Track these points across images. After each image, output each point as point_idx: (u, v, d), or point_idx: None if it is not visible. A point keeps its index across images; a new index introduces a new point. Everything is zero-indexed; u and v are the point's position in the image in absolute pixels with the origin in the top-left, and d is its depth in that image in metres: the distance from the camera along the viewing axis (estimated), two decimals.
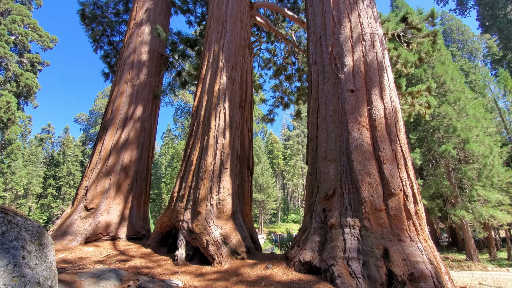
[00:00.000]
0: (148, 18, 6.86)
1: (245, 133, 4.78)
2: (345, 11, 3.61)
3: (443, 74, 14.55)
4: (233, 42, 5.06)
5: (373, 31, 3.54)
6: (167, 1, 7.55)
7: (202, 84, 4.97)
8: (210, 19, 5.59)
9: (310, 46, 4.04)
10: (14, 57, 28.13)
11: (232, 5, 5.36)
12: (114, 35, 9.20)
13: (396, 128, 3.07)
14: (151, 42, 6.68)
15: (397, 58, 4.96)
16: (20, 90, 30.07)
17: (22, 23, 30.17)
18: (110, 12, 8.59)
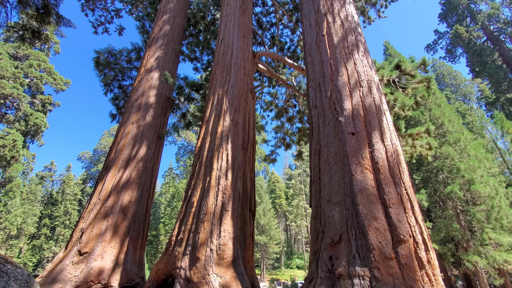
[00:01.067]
0: (157, 65, 7.35)
1: (248, 174, 4.76)
2: (341, 60, 3.87)
3: (440, 116, 14.97)
4: (237, 87, 5.33)
5: (369, 78, 3.74)
6: (176, 50, 8.16)
7: (205, 125, 5.11)
8: (216, 66, 5.98)
9: (310, 91, 4.24)
10: (26, 98, 29.40)
11: (236, 54, 5.77)
12: (124, 79, 9.77)
13: (400, 171, 3.06)
14: (159, 87, 7.05)
15: (394, 102, 5.18)
16: (28, 129, 30.82)
17: (39, 67, 32.29)
18: (123, 59, 9.26)
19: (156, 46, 7.76)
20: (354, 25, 4.27)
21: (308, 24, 4.73)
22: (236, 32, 6.23)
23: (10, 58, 30.00)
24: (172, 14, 8.33)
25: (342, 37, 4.13)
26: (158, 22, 8.24)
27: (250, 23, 6.88)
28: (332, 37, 4.17)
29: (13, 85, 27.55)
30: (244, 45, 6.17)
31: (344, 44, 4.07)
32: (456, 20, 33.95)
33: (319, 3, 4.66)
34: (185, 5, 9.02)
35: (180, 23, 8.50)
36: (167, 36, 7.93)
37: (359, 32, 4.23)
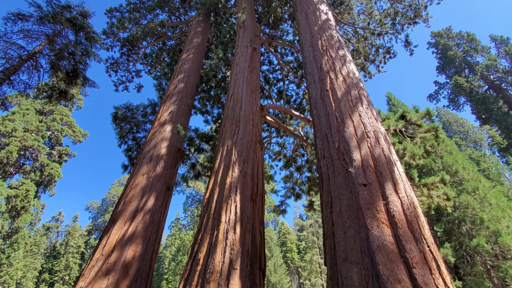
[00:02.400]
0: (171, 118, 7.77)
1: (257, 228, 4.56)
2: (346, 113, 4.00)
3: (453, 163, 14.63)
4: (245, 138, 5.48)
5: (375, 129, 3.80)
6: (188, 105, 8.70)
7: (214, 176, 5.12)
8: (225, 119, 6.26)
9: (318, 142, 4.30)
10: (45, 149, 30.76)
11: (245, 107, 6.09)
12: (139, 132, 10.27)
13: (419, 225, 2.87)
14: (170, 139, 7.33)
15: (404, 151, 5.15)
16: (43, 179, 31.47)
17: (61, 121, 34.52)
18: (139, 114, 9.87)
19: (171, 102, 8.32)
20: (356, 80, 4.53)
21: (312, 80, 5.04)
22: (245, 88, 6.67)
23: (37, 113, 32.49)
24: (187, 74, 9.12)
25: (345, 92, 4.34)
26: (174, 81, 8.98)
27: (258, 79, 7.41)
28: (336, 91, 4.39)
29: (35, 137, 29.25)
30: (253, 99, 6.54)
31: (347, 97, 4.26)
32: (454, 71, 35.69)
33: (321, 62, 5.04)
34: (199, 65, 9.92)
35: (193, 81, 9.23)
36: (181, 93, 8.55)
37: (361, 87, 4.46)
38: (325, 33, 5.71)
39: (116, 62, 13.57)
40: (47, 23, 5.50)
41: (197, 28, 11.33)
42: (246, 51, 7.83)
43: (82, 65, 5.77)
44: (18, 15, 5.60)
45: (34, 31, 5.48)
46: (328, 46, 5.37)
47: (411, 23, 9.01)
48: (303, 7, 6.84)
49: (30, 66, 5.47)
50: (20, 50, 5.29)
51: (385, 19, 9.43)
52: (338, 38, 5.58)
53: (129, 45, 13.41)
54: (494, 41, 36.38)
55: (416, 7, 8.67)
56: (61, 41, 5.69)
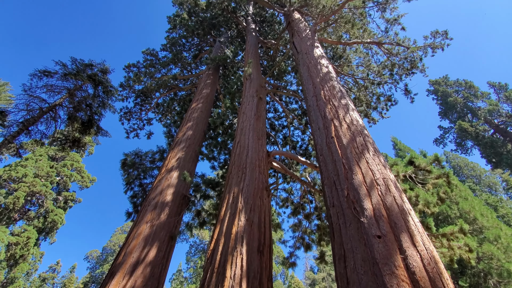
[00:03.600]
0: (178, 165, 7.85)
1: (264, 284, 4.20)
2: (353, 160, 3.98)
3: (470, 210, 13.89)
4: (252, 185, 5.41)
5: (384, 176, 3.73)
6: (196, 151, 8.85)
7: (220, 225, 4.93)
8: (232, 165, 6.29)
9: (326, 189, 4.20)
10: (52, 195, 30.75)
11: (252, 154, 6.15)
12: (146, 178, 10.30)
13: (443, 283, 2.60)
14: (177, 185, 7.30)
15: (417, 199, 4.96)
16: (45, 226, 30.81)
17: (71, 166, 35.14)
18: (147, 160, 10.04)
19: (179, 148, 8.50)
20: (360, 128, 4.61)
21: (317, 128, 5.16)
22: (251, 135, 6.84)
23: (49, 159, 33.38)
24: (196, 122, 9.49)
25: (350, 139, 4.39)
26: (183, 128, 9.31)
27: (264, 127, 7.63)
28: (341, 138, 4.45)
29: (44, 183, 29.53)
30: (259, 146, 6.64)
31: (353, 144, 4.29)
32: (457, 116, 36.30)
33: (325, 111, 5.22)
34: (207, 114, 10.38)
35: (202, 128, 9.56)
36: (189, 140, 8.78)
37: (366, 134, 4.52)
38: (327, 84, 6.03)
39: (129, 111, 14.35)
40: (70, 79, 6.05)
41: (206, 80, 12.16)
42: (252, 100, 8.23)
43: (98, 115, 6.14)
44: (44, 72, 6.20)
45: (57, 86, 6.00)
46: (330, 95, 5.63)
47: (409, 73, 9.53)
48: (304, 62, 7.37)
49: (49, 117, 5.85)
50: (42, 102, 5.73)
51: (383, 70, 10.02)
52: (339, 88, 5.87)
53: (143, 96, 14.33)
54: (493, 87, 37.65)
55: (411, 59, 9.27)
56: (80, 94, 6.18)
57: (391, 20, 9.45)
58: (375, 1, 9.29)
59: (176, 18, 17.28)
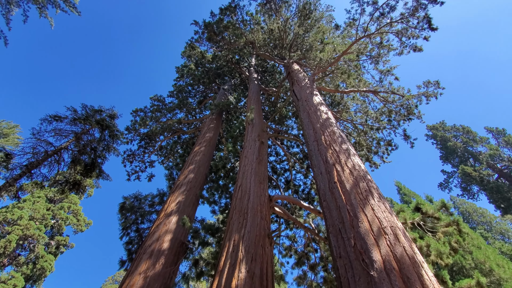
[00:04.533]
0: (177, 209, 7.64)
1: None
2: (358, 206, 3.88)
3: (485, 260, 12.99)
4: (253, 232, 5.18)
5: (392, 224, 3.59)
6: (196, 195, 8.70)
7: (218, 277, 4.59)
8: (233, 210, 6.11)
9: (331, 238, 4.00)
10: (44, 239, 29.37)
11: (253, 199, 6.02)
12: (143, 223, 9.93)
13: None
14: (175, 231, 7.00)
15: (428, 249, 4.68)
16: (33, 273, 28.81)
17: (68, 209, 34.19)
18: (147, 203, 9.81)
19: (179, 192, 8.37)
20: (363, 173, 4.59)
21: (319, 172, 5.14)
22: (253, 179, 6.79)
23: (47, 200, 32.69)
24: (198, 165, 9.52)
25: (353, 184, 4.34)
26: (184, 171, 9.30)
27: (265, 171, 7.61)
28: (344, 184, 4.40)
29: (38, 226, 28.46)
30: (261, 190, 6.53)
31: (357, 190, 4.22)
32: (459, 161, 36.31)
33: (327, 155, 5.26)
34: (210, 157, 10.46)
35: (203, 171, 9.54)
36: (190, 183, 8.70)
37: (369, 179, 4.47)
38: (327, 129, 6.19)
39: (133, 154, 14.52)
40: (78, 124, 6.29)
41: (210, 125, 12.55)
42: (254, 144, 8.37)
43: (101, 159, 6.22)
44: (55, 117, 6.48)
45: (65, 130, 6.22)
46: (331, 140, 5.73)
47: (406, 119, 9.85)
48: (305, 108, 7.69)
49: (53, 160, 5.92)
50: (48, 146, 5.87)
51: (381, 116, 10.38)
52: (339, 134, 6.01)
53: (147, 139, 14.65)
54: (491, 132, 38.36)
55: (407, 107, 9.67)
56: (87, 137, 6.36)
57: (384, 71, 10.12)
58: (368, 55, 10.08)
59: (184, 69, 18.59)
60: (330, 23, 16.47)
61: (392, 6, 8.86)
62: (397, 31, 9.23)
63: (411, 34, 9.07)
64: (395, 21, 8.96)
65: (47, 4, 13.62)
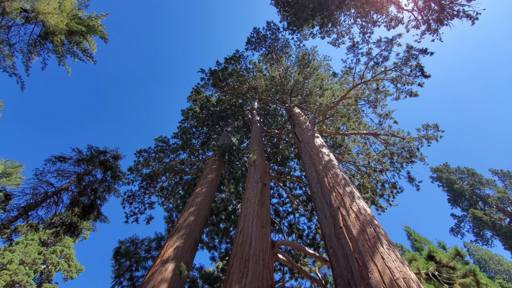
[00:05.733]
0: (175, 255, 7.22)
1: None
2: (367, 255, 3.66)
3: None
4: (255, 283, 4.81)
5: (404, 275, 3.34)
6: (196, 239, 8.30)
7: None
8: (233, 257, 5.77)
9: None
10: (32, 286, 27.43)
11: (255, 245, 5.73)
12: (138, 270, 9.32)
13: None
14: (171, 281, 6.52)
15: None
16: None
17: (61, 253, 32.47)
18: (143, 248, 9.33)
19: (178, 236, 8.01)
20: (369, 217, 4.43)
21: (324, 216, 4.97)
22: (255, 222, 6.54)
23: (40, 243, 31.24)
24: (198, 207, 9.29)
25: (360, 229, 4.16)
26: (184, 214, 9.03)
27: (268, 213, 7.38)
28: (350, 229, 4.22)
29: (27, 271, 26.76)
30: (263, 235, 6.25)
31: (364, 236, 4.03)
32: (468, 204, 35.15)
33: (330, 199, 5.14)
34: (211, 199, 10.25)
35: (204, 214, 9.26)
36: (190, 226, 8.38)
37: (377, 224, 4.30)
38: (330, 172, 6.16)
39: (133, 194, 14.29)
40: (82, 164, 6.35)
41: (212, 166, 12.56)
42: (256, 186, 8.26)
43: (100, 200, 6.11)
44: (59, 157, 6.57)
45: (68, 171, 6.26)
46: (334, 183, 5.66)
47: (408, 162, 9.84)
48: (306, 150, 7.76)
49: (51, 202, 5.83)
50: (49, 187, 5.84)
51: (383, 158, 10.39)
52: (343, 176, 5.95)
53: (149, 179, 14.55)
54: (496, 174, 37.80)
55: (409, 149, 9.74)
56: (88, 178, 6.36)
57: (383, 115, 10.44)
58: (366, 100, 10.52)
59: (189, 111, 19.34)
60: (328, 71, 17.58)
61: (385, 56, 9.52)
62: (392, 78, 9.76)
63: (405, 81, 9.58)
64: (389, 69, 9.54)
65: (67, 54, 14.82)
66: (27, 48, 11.97)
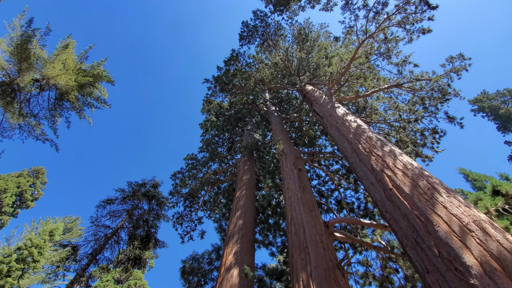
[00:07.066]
0: (236, 260, 7.42)
1: None
2: (427, 208, 3.45)
3: None
4: (321, 267, 4.78)
5: (474, 218, 3.10)
6: (250, 241, 8.46)
7: None
8: (291, 247, 5.78)
9: (409, 252, 3.53)
10: None
11: (309, 230, 5.68)
12: (206, 283, 9.75)
13: None
14: (239, 284, 6.71)
15: None
16: None
17: (135, 286, 35.06)
18: (205, 262, 9.73)
19: (233, 242, 8.22)
20: (418, 170, 4.17)
21: (370, 183, 4.77)
22: (302, 209, 6.49)
23: (115, 282, 34.03)
24: (243, 209, 9.44)
25: (412, 185, 3.93)
26: (233, 220, 9.24)
27: (312, 197, 7.28)
28: (401, 188, 4.01)
29: None
30: (313, 219, 6.18)
31: (418, 191, 3.80)
32: None
33: (371, 164, 4.93)
34: (253, 199, 10.38)
35: (251, 215, 9.40)
36: (241, 230, 8.55)
37: (428, 175, 4.04)
38: (361, 137, 5.91)
39: (181, 215, 14.95)
40: (128, 201, 6.79)
41: (244, 167, 12.69)
42: (292, 173, 8.19)
43: (154, 228, 6.48)
44: (107, 200, 7.07)
45: (118, 210, 6.73)
46: (370, 147, 5.41)
47: (443, 101, 9.10)
48: (331, 123, 7.52)
49: (113, 242, 6.32)
50: (106, 229, 6.32)
51: (414, 107, 9.73)
52: (377, 138, 5.68)
53: (191, 197, 15.11)
54: None
55: (439, 88, 9.00)
56: (137, 212, 6.78)
57: (400, 63, 9.76)
58: (377, 53, 9.90)
59: (207, 123, 19.71)
60: (328, 38, 16.85)
61: (383, 2, 8.88)
62: (398, 22, 9.08)
63: (413, 20, 8.86)
64: (392, 14, 8.88)
65: (84, 107, 15.83)
66: (49, 113, 12.99)
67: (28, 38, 10.78)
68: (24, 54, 10.54)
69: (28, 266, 24.15)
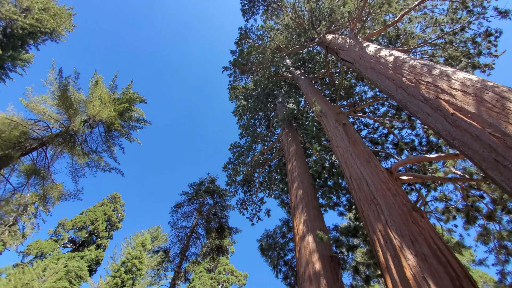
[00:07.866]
0: (307, 228, 7.61)
1: None
2: (500, 122, 3.00)
3: None
4: (395, 214, 4.61)
5: None
6: (315, 207, 8.55)
7: (388, 275, 4.16)
8: (358, 203, 5.67)
9: (492, 174, 3.16)
10: None
11: (372, 181, 5.48)
12: (286, 254, 10.27)
13: None
14: (317, 249, 6.91)
15: None
16: None
17: (224, 271, 38.90)
18: (278, 237, 10.20)
19: (299, 212, 8.41)
20: (479, 84, 3.63)
21: (426, 115, 4.33)
22: (358, 162, 6.26)
23: (207, 271, 38.24)
24: (300, 179, 9.51)
25: (476, 102, 3.45)
26: (292, 191, 9.40)
27: (366, 147, 6.94)
28: (465, 108, 3.55)
29: None
30: (374, 169, 5.91)
31: (486, 105, 3.33)
32: None
33: (422, 94, 4.44)
34: (305, 167, 10.35)
35: (308, 182, 9.43)
36: (303, 199, 8.68)
37: (493, 85, 3.49)
38: (403, 69, 5.32)
39: (243, 201, 15.75)
40: (194, 201, 7.41)
41: (287, 139, 12.63)
42: (338, 131, 7.87)
43: (224, 219, 7.00)
44: (177, 205, 7.81)
45: (189, 211, 7.43)
46: (415, 76, 4.85)
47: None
48: (364, 66, 6.90)
49: (194, 238, 7.05)
50: (185, 229, 7.05)
51: (456, 15, 8.28)
52: (420, 63, 5.05)
53: (247, 183, 15.74)
54: None
55: None
56: (205, 208, 7.38)
57: None
58: None
59: (239, 109, 19.89)
60: None
61: None
62: None
63: None
64: None
65: (129, 131, 17.31)
66: (105, 146, 14.56)
67: (65, 87, 12.00)
68: (67, 102, 11.81)
69: (135, 274, 28.41)
